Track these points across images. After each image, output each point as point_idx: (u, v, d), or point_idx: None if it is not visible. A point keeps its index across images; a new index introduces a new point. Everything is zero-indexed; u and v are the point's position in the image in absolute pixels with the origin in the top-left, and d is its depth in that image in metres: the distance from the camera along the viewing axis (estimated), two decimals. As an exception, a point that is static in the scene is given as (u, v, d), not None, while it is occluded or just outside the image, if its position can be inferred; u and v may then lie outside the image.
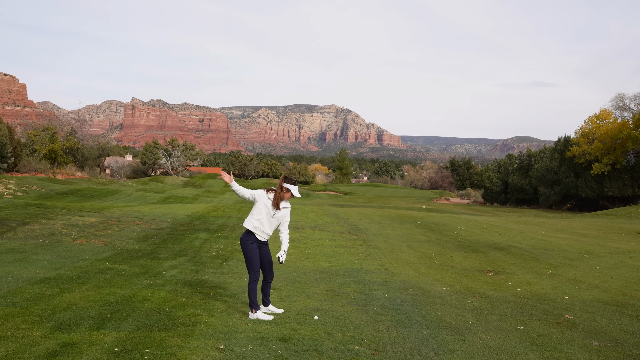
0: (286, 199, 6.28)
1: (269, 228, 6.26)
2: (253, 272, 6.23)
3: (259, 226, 6.20)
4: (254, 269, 6.23)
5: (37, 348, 4.73)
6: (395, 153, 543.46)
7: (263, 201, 6.21)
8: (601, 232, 20.38)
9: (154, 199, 36.94)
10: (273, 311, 6.42)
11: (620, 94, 51.41)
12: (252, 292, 6.18)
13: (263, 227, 6.21)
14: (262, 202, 6.21)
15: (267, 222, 6.22)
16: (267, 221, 6.21)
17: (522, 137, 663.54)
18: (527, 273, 10.76)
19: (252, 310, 6.15)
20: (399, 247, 13.98)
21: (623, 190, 46.45)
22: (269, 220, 6.22)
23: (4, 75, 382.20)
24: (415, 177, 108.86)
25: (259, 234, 6.23)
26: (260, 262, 6.31)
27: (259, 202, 6.22)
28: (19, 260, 9.29)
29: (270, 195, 6.24)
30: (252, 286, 6.19)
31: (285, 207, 6.35)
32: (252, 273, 6.22)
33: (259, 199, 6.22)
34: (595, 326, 6.50)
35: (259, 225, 6.20)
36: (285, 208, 6.34)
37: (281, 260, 6.25)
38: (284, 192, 6.22)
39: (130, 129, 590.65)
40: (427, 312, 6.87)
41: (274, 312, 6.41)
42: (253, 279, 6.21)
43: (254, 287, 6.19)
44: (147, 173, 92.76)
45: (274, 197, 6.21)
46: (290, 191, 6.22)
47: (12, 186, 33.76)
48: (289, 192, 6.22)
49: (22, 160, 58.73)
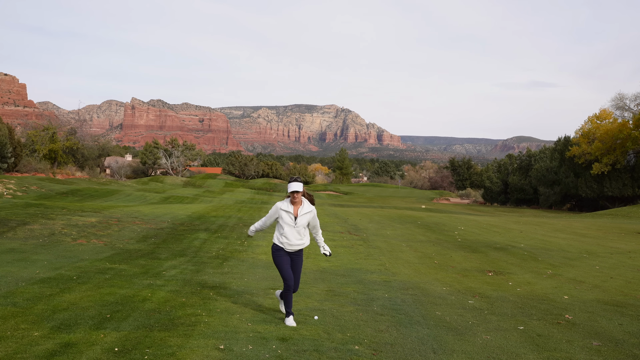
0: (297, 201, 6.02)
1: (295, 237, 6.06)
2: (285, 280, 6.03)
3: (284, 239, 6.04)
4: (285, 278, 6.03)
5: (37, 348, 4.73)
6: (395, 153, 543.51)
7: (280, 214, 6.06)
8: (601, 232, 20.38)
9: (154, 199, 36.93)
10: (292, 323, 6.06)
11: (620, 94, 51.42)
12: (285, 302, 6.05)
13: (288, 239, 6.03)
14: (280, 214, 6.06)
15: (291, 232, 6.03)
16: (290, 231, 6.03)
17: (522, 137, 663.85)
18: (527, 273, 10.76)
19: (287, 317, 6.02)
20: (399, 247, 13.98)
21: (623, 190, 46.44)
22: (292, 230, 6.03)
23: (4, 75, 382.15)
24: (415, 177, 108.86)
25: (286, 246, 6.07)
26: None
27: (277, 215, 6.10)
28: (19, 260, 9.28)
29: (286, 203, 6.08)
30: (286, 295, 6.03)
31: (307, 213, 6.08)
32: (285, 282, 6.03)
33: (276, 212, 6.10)
34: (595, 326, 6.49)
35: (283, 238, 6.04)
36: (306, 214, 6.08)
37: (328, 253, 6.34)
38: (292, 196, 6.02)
39: (130, 129, 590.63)
40: (427, 312, 6.86)
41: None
42: (286, 287, 6.02)
43: (287, 297, 6.02)
44: (147, 173, 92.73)
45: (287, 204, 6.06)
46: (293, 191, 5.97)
47: (12, 186, 33.76)
48: (293, 193, 5.98)
49: (22, 160, 58.70)
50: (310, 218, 6.12)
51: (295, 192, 5.96)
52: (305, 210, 6.08)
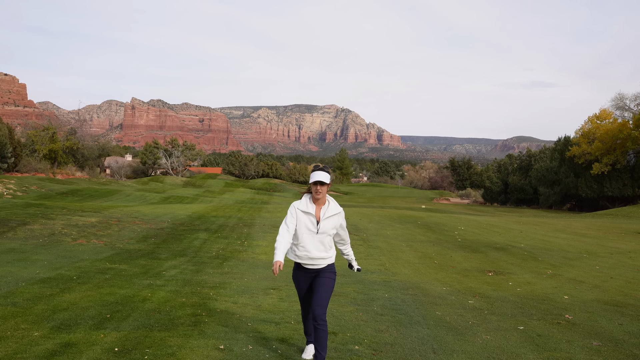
0: (321, 199, 4.53)
1: (316, 248, 4.57)
2: (301, 305, 4.91)
3: (301, 252, 4.60)
4: (300, 303, 4.91)
5: (37, 348, 4.73)
6: (395, 153, 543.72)
7: (298, 217, 4.55)
8: (601, 232, 20.38)
9: (154, 199, 36.93)
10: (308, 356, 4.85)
11: (620, 94, 51.47)
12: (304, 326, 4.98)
13: (307, 251, 4.57)
14: (298, 219, 4.56)
15: (312, 242, 4.55)
16: (310, 241, 4.55)
17: (522, 137, 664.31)
18: (527, 273, 10.76)
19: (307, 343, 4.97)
20: (399, 247, 13.98)
21: (623, 190, 46.45)
22: (312, 239, 4.55)
23: (4, 75, 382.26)
24: (415, 177, 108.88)
25: (305, 262, 4.62)
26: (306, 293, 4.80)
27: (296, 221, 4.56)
28: (19, 260, 9.29)
29: (305, 202, 4.57)
30: (303, 321, 4.97)
31: (334, 215, 4.60)
32: (301, 307, 4.92)
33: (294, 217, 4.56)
34: (595, 326, 6.49)
35: (301, 250, 4.60)
36: (333, 216, 4.59)
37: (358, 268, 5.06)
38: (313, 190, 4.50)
39: (130, 129, 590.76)
40: (427, 312, 6.86)
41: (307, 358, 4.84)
42: (302, 313, 4.92)
43: (304, 322, 4.95)
44: (147, 173, 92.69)
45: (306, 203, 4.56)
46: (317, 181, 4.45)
47: (12, 186, 33.76)
48: (316, 185, 4.46)
49: (22, 160, 58.70)
50: (337, 222, 4.65)
51: (320, 184, 4.45)
52: (332, 212, 4.59)
